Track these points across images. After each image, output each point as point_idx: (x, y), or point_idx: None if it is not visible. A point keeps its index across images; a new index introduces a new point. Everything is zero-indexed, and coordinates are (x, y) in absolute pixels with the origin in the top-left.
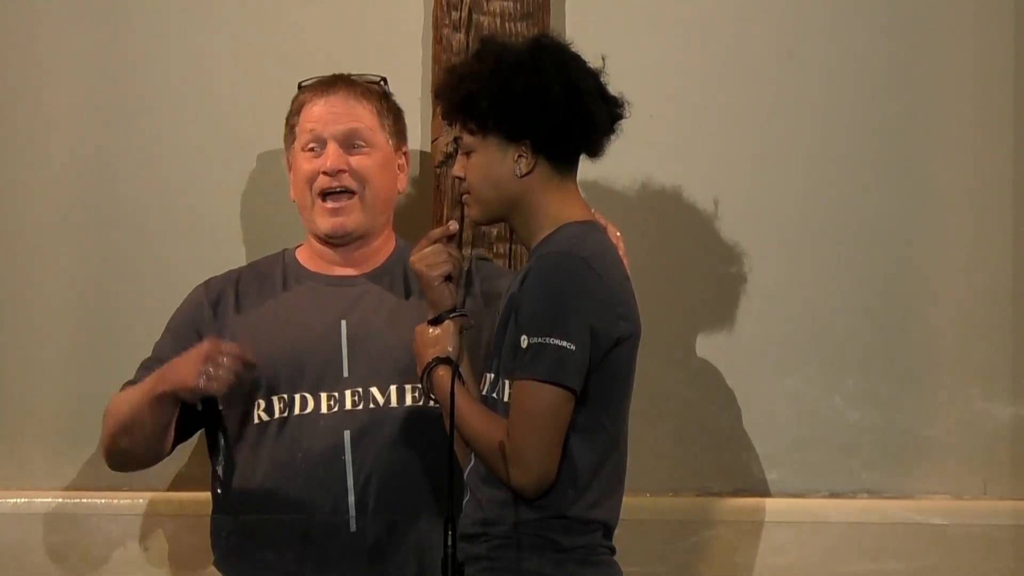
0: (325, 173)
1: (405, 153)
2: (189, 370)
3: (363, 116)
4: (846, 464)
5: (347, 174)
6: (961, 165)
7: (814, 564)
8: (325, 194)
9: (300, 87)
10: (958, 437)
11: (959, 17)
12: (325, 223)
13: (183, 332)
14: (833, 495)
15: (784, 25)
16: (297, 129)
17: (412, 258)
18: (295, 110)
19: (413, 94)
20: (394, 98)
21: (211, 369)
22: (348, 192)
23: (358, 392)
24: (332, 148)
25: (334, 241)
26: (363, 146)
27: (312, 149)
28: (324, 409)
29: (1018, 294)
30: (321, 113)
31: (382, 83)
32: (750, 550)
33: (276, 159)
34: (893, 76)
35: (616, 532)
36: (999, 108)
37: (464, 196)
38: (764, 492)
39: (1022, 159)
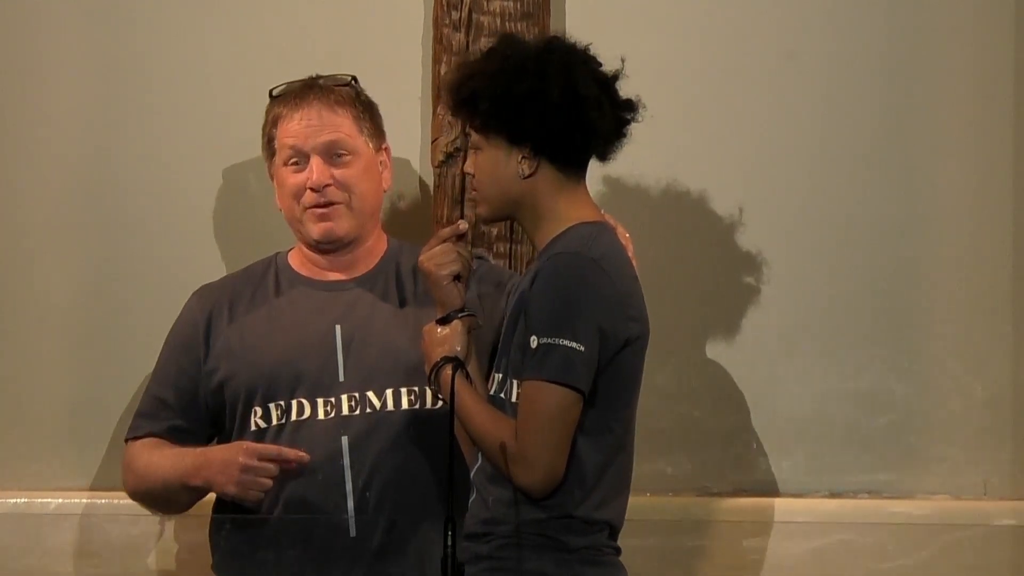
0: (312, 189)
1: (386, 149)
2: (225, 477)
3: (341, 125)
4: (846, 464)
5: (332, 187)
6: (961, 165)
7: (814, 564)
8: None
9: (271, 96)
10: (958, 438)
11: (959, 17)
12: (315, 230)
13: (182, 352)
14: (833, 495)
15: (784, 25)
16: (276, 144)
17: (421, 257)
18: (271, 122)
19: (413, 94)
20: (366, 95)
21: (247, 478)
22: (334, 204)
23: (355, 397)
24: (316, 162)
25: (324, 247)
26: (345, 155)
27: (295, 163)
28: (321, 415)
29: (1018, 294)
30: (298, 128)
31: (353, 83)
32: (750, 550)
33: None
34: (893, 76)
35: None
36: (999, 108)
37: (472, 193)
38: (764, 492)
39: (1022, 159)
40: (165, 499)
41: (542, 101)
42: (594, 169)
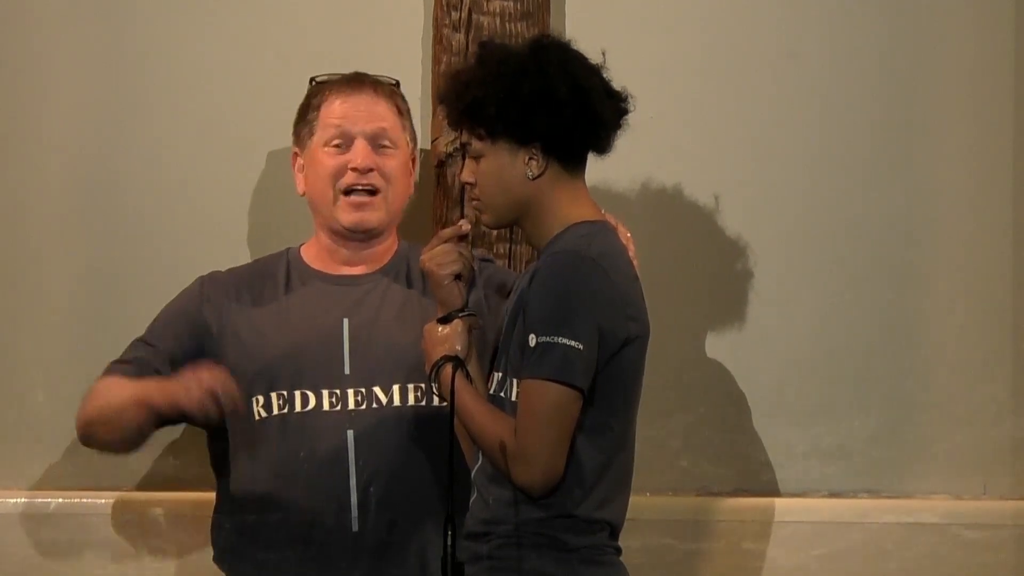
0: (354, 169)
1: (415, 156)
2: (189, 397)
3: (388, 117)
4: (846, 464)
5: (375, 172)
6: (961, 165)
7: (814, 564)
8: (349, 190)
9: (314, 82)
10: (958, 437)
11: (959, 17)
12: (348, 217)
13: (174, 319)
14: (833, 495)
15: (784, 25)
16: (317, 124)
17: (422, 257)
18: (313, 105)
19: (413, 94)
20: (406, 101)
21: (211, 403)
22: (372, 190)
23: (361, 392)
24: (361, 145)
25: (353, 236)
26: (389, 147)
27: (337, 145)
28: (326, 407)
29: (1018, 294)
30: (347, 110)
31: (397, 86)
32: (750, 550)
33: (277, 159)
34: (893, 76)
35: None
36: (999, 108)
37: (475, 202)
38: (764, 492)
39: (1022, 159)
40: (114, 426)
41: (550, 98)
42: (596, 170)
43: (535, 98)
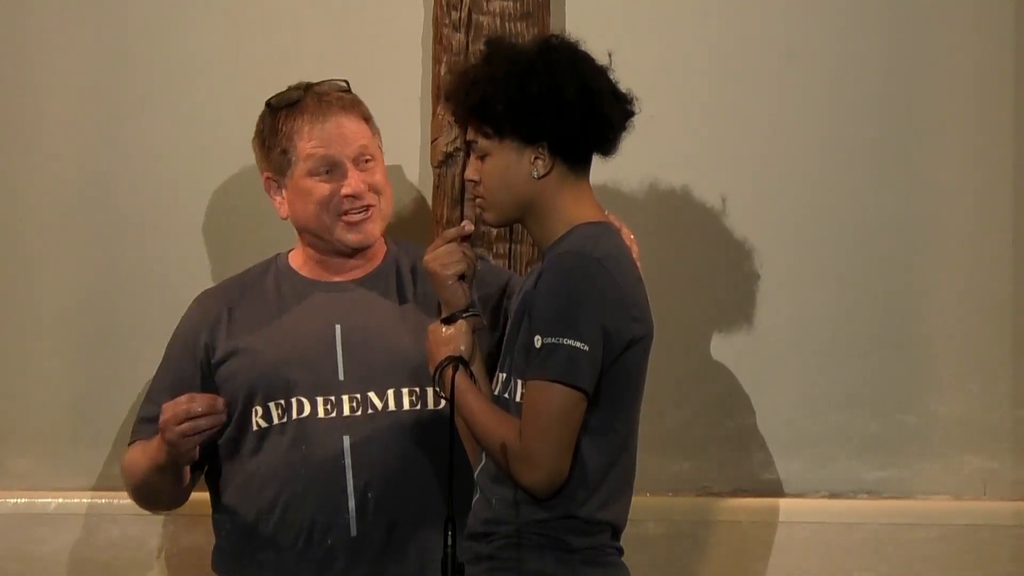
0: (348, 196)
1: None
2: (175, 449)
3: (361, 131)
4: (846, 464)
5: (369, 192)
6: (962, 165)
7: (814, 564)
8: (347, 211)
9: (271, 105)
10: (958, 438)
11: (959, 17)
12: (353, 238)
13: (181, 357)
14: (833, 495)
15: (785, 25)
16: (295, 154)
17: (426, 257)
18: (283, 132)
19: (413, 94)
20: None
21: (169, 435)
22: (370, 208)
23: (356, 398)
24: (351, 171)
25: (357, 253)
26: (370, 160)
27: (327, 172)
28: (321, 413)
29: (1018, 294)
30: (325, 137)
31: (348, 90)
32: (750, 550)
33: None
34: (893, 76)
35: None
36: (999, 108)
37: (478, 200)
38: (764, 492)
39: (1022, 159)
40: (151, 490)
41: (559, 98)
42: (597, 170)
43: (544, 97)
